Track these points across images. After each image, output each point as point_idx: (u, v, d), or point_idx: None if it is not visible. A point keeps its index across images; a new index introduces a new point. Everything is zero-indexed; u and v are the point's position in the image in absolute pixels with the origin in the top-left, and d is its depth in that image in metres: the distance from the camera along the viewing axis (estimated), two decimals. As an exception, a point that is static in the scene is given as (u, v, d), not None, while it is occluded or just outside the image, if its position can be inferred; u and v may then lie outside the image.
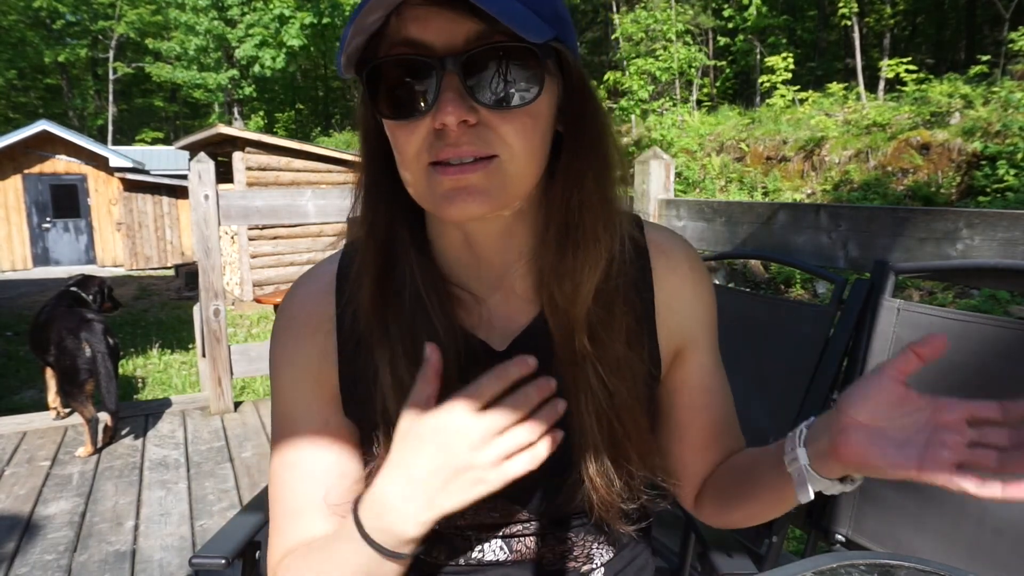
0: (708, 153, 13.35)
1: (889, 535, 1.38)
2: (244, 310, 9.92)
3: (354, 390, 0.67)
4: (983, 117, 9.47)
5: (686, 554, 1.08)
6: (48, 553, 2.26)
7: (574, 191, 0.61)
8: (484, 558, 0.69)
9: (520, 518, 0.68)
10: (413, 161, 0.56)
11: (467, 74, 0.53)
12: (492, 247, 0.65)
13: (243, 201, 3.40)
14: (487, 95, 0.54)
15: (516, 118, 0.55)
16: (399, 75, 0.55)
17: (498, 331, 0.67)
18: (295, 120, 31.78)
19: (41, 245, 15.54)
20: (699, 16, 19.40)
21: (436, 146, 0.55)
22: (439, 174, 0.55)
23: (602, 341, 0.63)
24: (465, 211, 0.56)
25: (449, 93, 0.53)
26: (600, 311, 0.63)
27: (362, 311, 0.63)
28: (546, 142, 0.60)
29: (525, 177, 0.58)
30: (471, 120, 0.53)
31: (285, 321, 0.70)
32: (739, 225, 2.27)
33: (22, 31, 26.59)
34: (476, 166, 0.55)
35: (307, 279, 0.71)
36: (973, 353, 1.31)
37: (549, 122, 0.59)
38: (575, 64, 0.60)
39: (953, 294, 7.26)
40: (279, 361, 0.69)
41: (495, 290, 0.67)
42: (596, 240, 0.61)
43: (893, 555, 0.41)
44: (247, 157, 9.57)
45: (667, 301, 0.70)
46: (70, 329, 3.12)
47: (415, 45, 0.53)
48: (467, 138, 0.54)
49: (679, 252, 0.72)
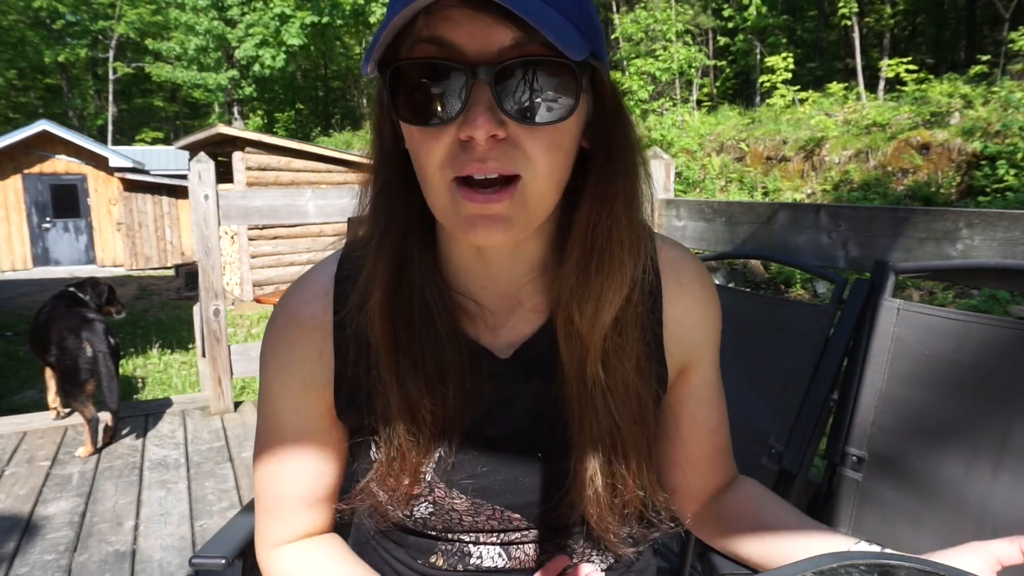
0: (708, 153, 13.35)
1: (889, 535, 1.38)
2: (244, 310, 9.92)
3: (352, 395, 0.66)
4: (983, 117, 9.47)
5: (686, 554, 1.08)
6: (48, 553, 2.26)
7: (603, 215, 0.58)
8: (483, 564, 0.69)
9: (518, 526, 0.68)
10: (436, 174, 0.54)
11: (499, 85, 0.50)
12: (504, 261, 0.64)
13: (243, 201, 3.40)
14: (517, 110, 0.51)
15: (545, 135, 0.53)
16: (424, 78, 0.52)
17: (502, 340, 0.66)
18: (295, 120, 31.79)
19: (41, 245, 15.54)
20: (699, 16, 19.41)
21: (460, 159, 0.52)
22: (464, 198, 0.53)
23: (613, 368, 0.62)
24: (488, 239, 0.54)
25: (480, 105, 0.50)
26: (616, 338, 0.62)
27: (372, 319, 0.62)
28: (570, 160, 0.57)
29: (547, 197, 0.56)
30: (500, 135, 0.51)
31: (280, 322, 0.69)
32: (739, 225, 2.27)
33: (22, 31, 26.58)
34: (501, 195, 0.52)
35: (304, 282, 0.70)
36: (973, 353, 1.31)
37: (576, 140, 0.57)
38: (609, 81, 0.58)
39: (953, 294, 7.26)
40: (270, 361, 0.69)
41: (501, 299, 0.66)
42: (621, 265, 0.59)
43: (893, 555, 0.40)
44: (247, 157, 9.57)
45: (676, 318, 0.69)
46: (71, 329, 3.12)
47: (443, 45, 0.50)
48: (494, 153, 0.51)
49: (691, 269, 0.71)
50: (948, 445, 1.32)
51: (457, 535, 0.68)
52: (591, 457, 0.63)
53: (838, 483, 1.50)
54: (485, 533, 0.68)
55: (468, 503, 0.66)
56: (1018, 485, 1.21)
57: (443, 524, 0.67)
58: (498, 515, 0.67)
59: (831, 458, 1.53)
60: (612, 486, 0.64)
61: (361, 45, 29.56)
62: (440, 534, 0.69)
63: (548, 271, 0.64)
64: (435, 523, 0.67)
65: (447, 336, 0.62)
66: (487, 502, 0.66)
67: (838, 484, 1.50)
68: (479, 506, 0.66)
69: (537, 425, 0.66)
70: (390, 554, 0.73)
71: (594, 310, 0.59)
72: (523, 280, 0.65)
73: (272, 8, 22.94)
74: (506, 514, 0.67)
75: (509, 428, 0.65)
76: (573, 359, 0.62)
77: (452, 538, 0.69)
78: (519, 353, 0.66)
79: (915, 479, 1.36)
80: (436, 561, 0.70)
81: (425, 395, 0.61)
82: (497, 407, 0.65)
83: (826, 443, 1.57)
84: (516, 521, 0.67)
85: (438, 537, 0.69)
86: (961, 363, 1.32)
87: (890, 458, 1.42)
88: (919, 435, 1.38)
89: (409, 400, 0.62)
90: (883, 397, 1.45)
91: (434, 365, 0.62)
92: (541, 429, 0.66)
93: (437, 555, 0.70)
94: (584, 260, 0.59)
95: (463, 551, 0.69)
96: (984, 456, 1.26)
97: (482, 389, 0.64)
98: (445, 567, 0.70)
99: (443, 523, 0.67)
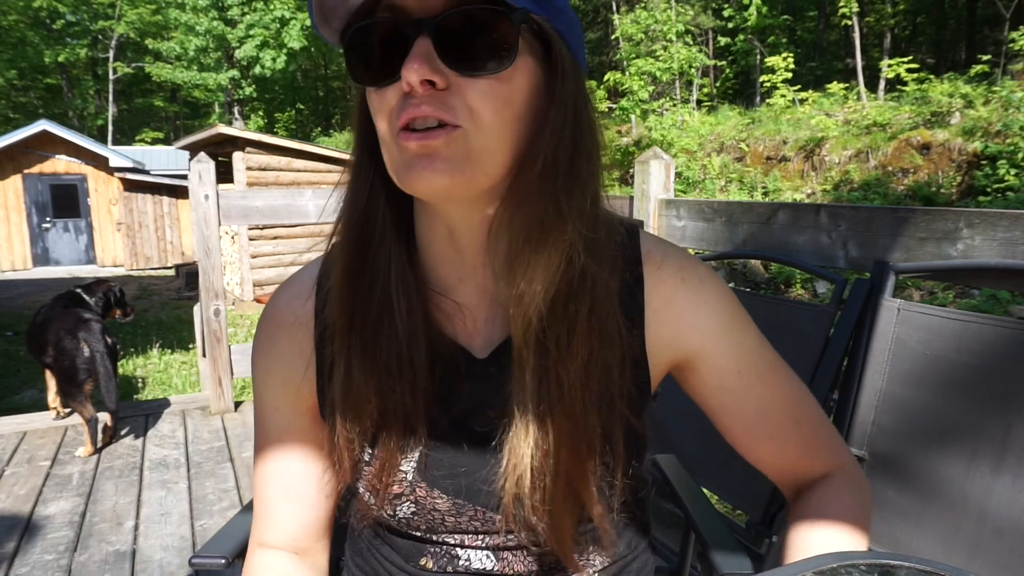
0: (708, 153, 13.35)
1: (889, 535, 1.38)
2: (244, 310, 9.92)
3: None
4: (983, 117, 9.47)
5: (686, 554, 1.08)
6: (48, 553, 2.26)
7: (547, 178, 0.57)
8: (471, 566, 0.68)
9: (500, 528, 0.66)
10: (387, 132, 0.56)
11: (441, 38, 0.52)
12: (475, 245, 0.62)
13: (243, 201, 3.40)
14: (455, 58, 0.53)
15: (485, 86, 0.53)
16: (377, 41, 0.55)
17: (480, 338, 0.66)
18: (295, 120, 31.79)
19: (41, 245, 15.54)
20: (699, 16, 19.41)
21: (401, 108, 0.54)
22: (403, 139, 0.54)
23: (551, 356, 0.58)
24: (429, 181, 0.54)
25: (416, 53, 0.52)
26: (556, 324, 0.58)
27: (332, 299, 0.62)
28: (520, 123, 0.56)
29: (493, 153, 0.55)
30: (439, 83, 0.53)
31: (264, 322, 0.71)
32: (739, 225, 2.27)
33: (22, 31, 26.59)
34: (439, 132, 0.53)
35: (289, 282, 0.71)
36: (973, 353, 1.31)
37: (525, 101, 0.56)
38: (567, 53, 0.58)
39: (953, 294, 7.26)
40: (257, 361, 0.72)
41: (481, 295, 0.65)
42: (559, 234, 0.56)
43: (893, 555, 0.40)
44: (247, 157, 9.58)
45: (658, 312, 0.67)
46: (68, 329, 3.12)
47: (396, 10, 0.54)
48: (431, 100, 0.53)
49: (671, 262, 0.68)
50: (948, 445, 1.32)
51: (442, 536, 0.68)
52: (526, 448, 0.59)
53: (838, 483, 1.50)
54: (470, 535, 0.67)
55: (450, 503, 0.65)
56: (1018, 485, 1.21)
57: (427, 524, 0.67)
58: (480, 516, 0.66)
59: (831, 458, 1.53)
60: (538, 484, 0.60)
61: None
62: (425, 535, 0.68)
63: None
64: (418, 523, 0.67)
65: (406, 330, 0.61)
66: (468, 503, 0.65)
67: (838, 484, 1.50)
68: (461, 507, 0.65)
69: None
70: (384, 556, 0.73)
71: (525, 280, 0.56)
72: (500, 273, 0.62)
73: (272, 10, 22.93)
74: (488, 515, 0.65)
75: (487, 428, 0.64)
76: (518, 338, 0.59)
77: (437, 539, 0.68)
78: (496, 353, 0.65)
79: (915, 479, 1.36)
80: (425, 563, 0.69)
81: (371, 386, 0.61)
82: (476, 407, 0.64)
83: (826, 443, 1.57)
84: (499, 523, 0.65)
85: (424, 539, 0.69)
86: (961, 363, 1.32)
87: (890, 458, 1.42)
88: (919, 435, 1.38)
89: (354, 388, 0.61)
90: (883, 397, 1.45)
91: (386, 357, 0.61)
92: None
93: (426, 558, 0.69)
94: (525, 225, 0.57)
95: (451, 554, 0.68)
96: (984, 456, 1.26)
97: (459, 388, 0.64)
98: (435, 569, 0.69)
99: (426, 523, 0.67)
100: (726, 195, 11.99)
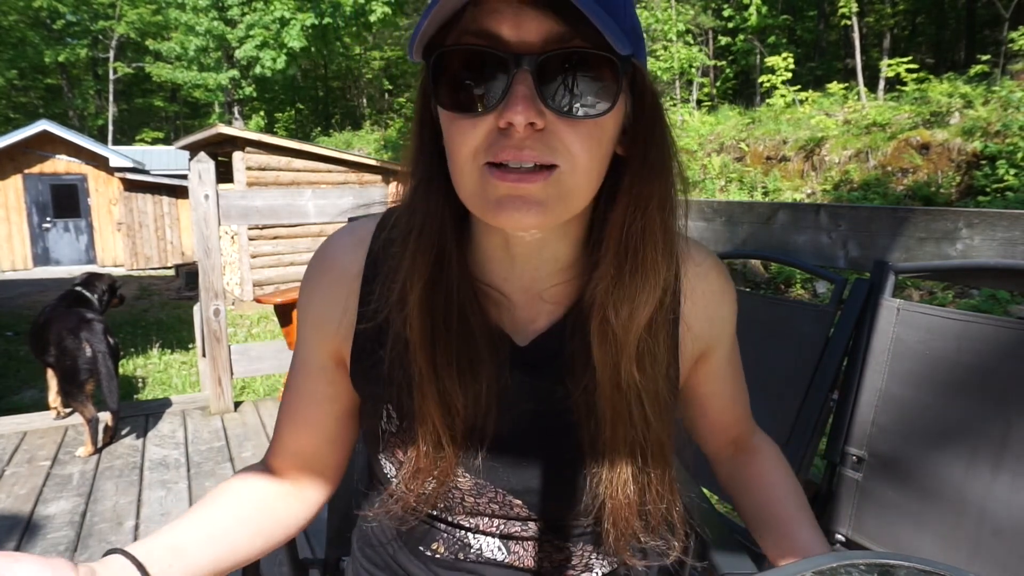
0: (708, 153, 13.35)
1: (889, 535, 1.38)
2: (244, 310, 9.92)
3: (369, 368, 0.67)
4: (983, 117, 9.46)
5: (686, 554, 1.08)
6: (48, 553, 2.26)
7: (637, 216, 0.58)
8: (482, 554, 0.69)
9: (519, 514, 0.68)
10: (468, 160, 0.54)
11: (541, 76, 0.51)
12: (529, 254, 0.64)
13: (243, 201, 3.40)
14: (558, 101, 0.51)
15: (584, 129, 0.53)
16: (467, 66, 0.52)
17: (520, 329, 0.67)
18: (295, 120, 31.78)
19: (41, 245, 15.54)
20: (699, 16, 19.41)
21: (497, 145, 0.52)
22: (495, 178, 0.52)
23: (646, 371, 0.62)
24: (519, 221, 0.54)
25: (520, 91, 0.50)
26: (649, 340, 0.62)
27: (411, 317, 0.62)
28: (607, 160, 0.57)
29: (582, 191, 0.56)
30: (539, 124, 0.51)
31: (314, 260, 0.72)
32: (739, 225, 2.27)
33: (22, 31, 26.57)
34: (535, 176, 0.52)
35: (347, 229, 0.71)
36: (973, 353, 1.32)
37: (613, 140, 0.57)
38: (649, 84, 0.58)
39: (953, 294, 7.25)
40: (300, 301, 0.73)
41: (523, 294, 0.67)
42: (655, 267, 0.59)
43: (893, 555, 0.41)
44: (247, 157, 9.58)
45: (694, 310, 0.69)
46: (70, 329, 3.13)
47: (489, 37, 0.51)
48: (531, 142, 0.51)
49: (708, 260, 0.71)
50: (948, 445, 1.32)
51: (457, 518, 0.69)
52: (624, 463, 0.63)
53: (838, 483, 1.50)
54: (486, 519, 0.68)
55: (471, 483, 0.66)
56: (1018, 485, 1.21)
57: (444, 503, 0.68)
58: (500, 498, 0.67)
59: (831, 458, 1.53)
60: (642, 492, 0.65)
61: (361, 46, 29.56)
62: (440, 514, 0.69)
63: (572, 271, 0.65)
64: (435, 499, 0.67)
65: (480, 332, 0.63)
66: (490, 483, 0.66)
67: (838, 484, 1.50)
68: (482, 487, 0.67)
69: (546, 415, 0.66)
70: (393, 541, 0.74)
71: (629, 312, 0.59)
72: (547, 280, 0.65)
73: (272, 11, 22.92)
74: (508, 499, 0.67)
75: (519, 413, 0.65)
76: (608, 362, 0.61)
77: (452, 521, 0.69)
78: (536, 343, 0.66)
79: (915, 479, 1.36)
80: (437, 548, 0.70)
81: (459, 392, 0.62)
82: (511, 391, 0.65)
83: (826, 443, 1.57)
84: (518, 508, 0.67)
85: (438, 519, 0.69)
86: (961, 363, 1.32)
87: (890, 458, 1.42)
88: (919, 435, 1.38)
89: (446, 396, 0.62)
90: (883, 397, 1.45)
91: (468, 362, 0.62)
92: (549, 419, 0.66)
93: (438, 542, 0.70)
94: (619, 261, 0.59)
95: (463, 541, 0.69)
96: (984, 456, 1.26)
97: (502, 372, 0.65)
98: (446, 554, 0.70)
99: (444, 501, 0.68)
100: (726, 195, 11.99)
